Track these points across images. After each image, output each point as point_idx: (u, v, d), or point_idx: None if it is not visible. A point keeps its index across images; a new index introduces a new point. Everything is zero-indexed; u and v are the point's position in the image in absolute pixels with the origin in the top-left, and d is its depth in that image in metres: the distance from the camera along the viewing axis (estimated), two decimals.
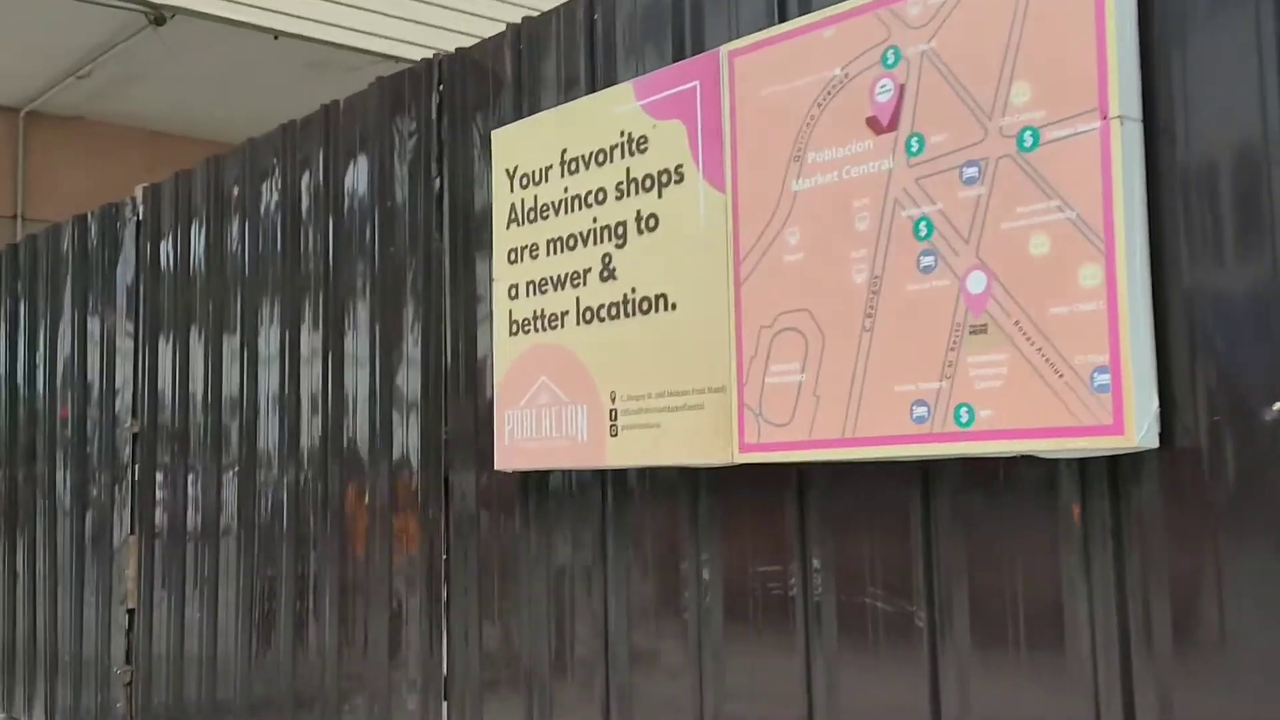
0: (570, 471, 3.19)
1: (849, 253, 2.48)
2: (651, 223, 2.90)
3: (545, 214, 3.19)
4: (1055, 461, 2.25)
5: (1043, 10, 2.21)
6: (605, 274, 3.01)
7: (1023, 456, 2.26)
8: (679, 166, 2.84)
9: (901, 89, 2.42)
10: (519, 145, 3.30)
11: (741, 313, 2.67)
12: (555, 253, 3.15)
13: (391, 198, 3.92)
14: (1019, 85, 2.24)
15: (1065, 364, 2.15)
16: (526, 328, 3.21)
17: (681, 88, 2.85)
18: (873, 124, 2.47)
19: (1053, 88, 2.19)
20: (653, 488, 3.01)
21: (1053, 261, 2.18)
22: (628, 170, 2.97)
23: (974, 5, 2.31)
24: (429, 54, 3.93)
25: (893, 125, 2.43)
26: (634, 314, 2.92)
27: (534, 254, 3.21)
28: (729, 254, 2.71)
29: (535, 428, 3.18)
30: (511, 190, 3.29)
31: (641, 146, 2.93)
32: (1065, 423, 2.15)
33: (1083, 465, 2.23)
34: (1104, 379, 2.10)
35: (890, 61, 2.44)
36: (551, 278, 3.15)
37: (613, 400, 2.96)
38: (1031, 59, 2.23)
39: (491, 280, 3.34)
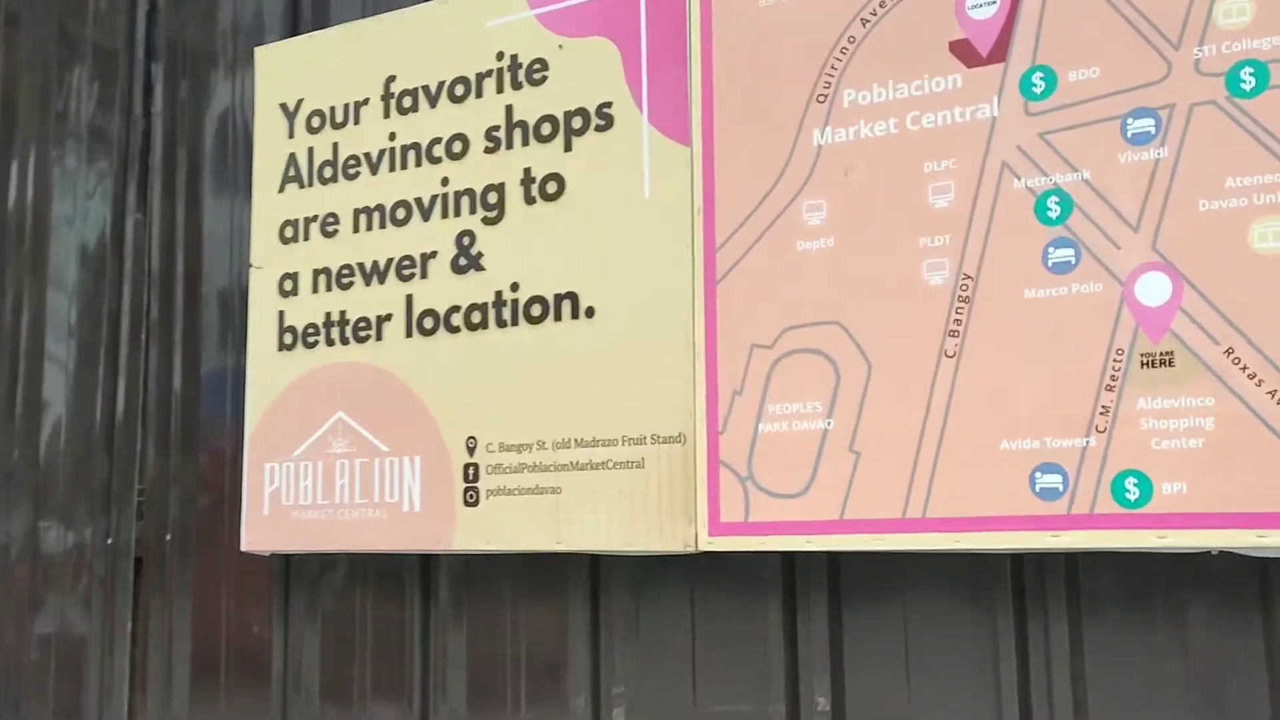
0: (373, 555, 2.14)
1: (917, 239, 1.66)
2: (551, 187, 1.94)
3: (353, 171, 2.14)
4: (1260, 560, 1.52)
5: None
6: (463, 262, 2.01)
7: (1214, 552, 1.51)
8: (604, 106, 1.91)
9: (1014, 1, 1.64)
10: (304, 70, 2.23)
11: (716, 324, 1.78)
12: (370, 228, 2.11)
13: (56, 136, 2.68)
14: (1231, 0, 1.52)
15: None
16: (311, 339, 2.14)
17: None
18: (962, 51, 1.66)
19: None
20: (517, 577, 2.03)
21: None
22: (509, 109, 1.99)
23: None
24: None
25: (998, 54, 1.64)
26: (515, 322, 1.95)
27: (330, 229, 2.15)
28: (695, 237, 1.81)
29: (321, 490, 2.11)
30: (290, 134, 2.21)
31: (536, 76, 1.98)
32: None
33: None
34: None
35: None
36: (362, 265, 2.10)
37: (470, 452, 1.96)
38: None
39: (249, 267, 2.23)
